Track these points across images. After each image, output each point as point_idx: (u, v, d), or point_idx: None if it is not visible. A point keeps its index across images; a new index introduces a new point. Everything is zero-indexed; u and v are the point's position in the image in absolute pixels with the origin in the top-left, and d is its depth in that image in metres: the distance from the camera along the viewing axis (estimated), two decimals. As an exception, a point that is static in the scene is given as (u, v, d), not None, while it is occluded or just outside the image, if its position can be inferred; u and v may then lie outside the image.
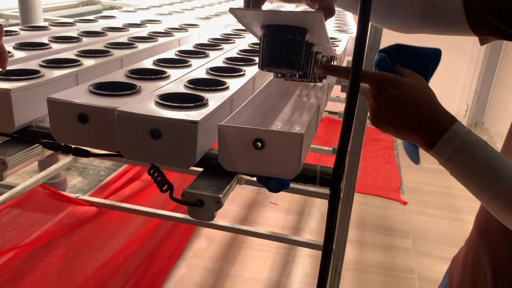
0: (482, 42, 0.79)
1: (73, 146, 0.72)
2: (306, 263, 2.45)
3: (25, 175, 3.04)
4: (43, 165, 2.26)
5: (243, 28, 1.52)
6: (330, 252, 0.66)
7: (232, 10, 0.60)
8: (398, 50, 0.73)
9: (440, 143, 0.63)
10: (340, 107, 2.30)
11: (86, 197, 1.81)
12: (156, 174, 0.67)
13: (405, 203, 3.15)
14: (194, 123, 0.60)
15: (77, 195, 1.81)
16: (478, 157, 0.61)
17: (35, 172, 2.99)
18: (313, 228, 2.78)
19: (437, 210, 3.06)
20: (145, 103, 0.66)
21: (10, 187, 1.63)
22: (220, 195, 0.61)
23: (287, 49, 0.61)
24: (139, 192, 2.21)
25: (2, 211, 1.43)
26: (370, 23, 0.61)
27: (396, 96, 0.64)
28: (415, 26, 0.80)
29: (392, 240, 2.71)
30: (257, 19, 0.62)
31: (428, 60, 0.73)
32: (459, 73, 4.40)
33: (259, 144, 0.59)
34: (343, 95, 1.96)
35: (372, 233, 2.77)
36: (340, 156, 0.60)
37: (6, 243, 1.47)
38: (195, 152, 0.62)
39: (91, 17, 1.54)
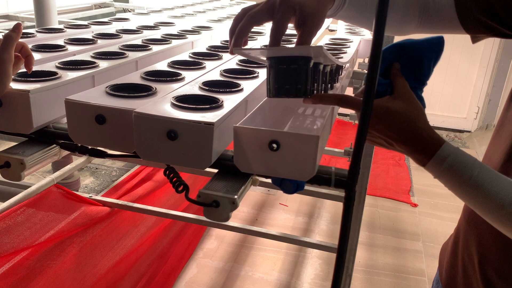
0: (473, 40, 0.81)
1: (89, 147, 0.73)
2: (316, 265, 2.45)
3: (39, 175, 3.07)
4: (57, 166, 2.28)
5: (255, 31, 1.52)
6: (344, 253, 0.66)
7: (236, 51, 0.63)
8: (395, 50, 0.72)
9: (428, 166, 0.66)
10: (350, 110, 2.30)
11: (99, 197, 1.82)
12: (172, 175, 0.68)
13: (415, 205, 3.13)
14: (210, 124, 0.61)
15: (90, 195, 1.82)
16: (465, 181, 0.63)
17: (48, 172, 3.03)
18: (323, 230, 2.78)
19: (447, 212, 3.04)
20: (161, 104, 0.67)
21: (25, 187, 1.65)
22: (235, 196, 0.62)
23: (293, 79, 0.62)
24: (150, 192, 2.22)
25: (17, 211, 1.45)
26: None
27: (381, 124, 0.66)
28: (411, 28, 0.82)
29: (402, 242, 2.70)
30: (260, 54, 0.64)
31: (429, 53, 0.71)
32: (470, 75, 4.37)
33: (275, 145, 0.60)
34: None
35: (382, 235, 2.76)
36: (355, 158, 0.60)
37: (21, 242, 1.49)
38: (211, 153, 0.62)
39: (105, 19, 1.56)
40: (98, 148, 0.74)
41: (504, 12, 0.71)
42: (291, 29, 1.48)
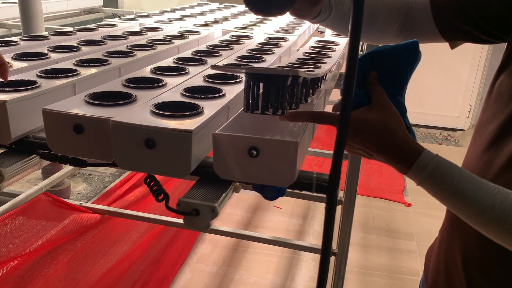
0: (452, 46, 0.84)
1: (70, 156, 0.73)
2: (310, 267, 2.44)
3: (29, 183, 3.05)
4: (46, 173, 2.27)
5: (242, 34, 1.52)
6: (328, 258, 0.66)
7: (214, 67, 0.63)
8: (370, 58, 0.71)
9: (409, 175, 0.66)
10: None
11: (89, 204, 1.81)
12: (152, 183, 0.67)
13: (409, 205, 3.14)
14: (188, 132, 0.60)
15: (80, 202, 1.81)
16: (446, 188, 0.63)
17: (39, 179, 3.01)
18: (317, 231, 2.78)
19: (441, 211, 3.01)
20: (140, 112, 0.67)
21: (13, 195, 1.63)
22: (216, 204, 0.61)
23: (268, 97, 0.61)
24: (142, 198, 2.21)
25: (5, 220, 1.44)
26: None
27: (358, 136, 0.66)
28: (391, 38, 0.84)
29: (396, 242, 2.70)
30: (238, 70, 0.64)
31: (404, 59, 0.70)
32: (461, 73, 4.38)
33: (254, 152, 0.59)
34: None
35: (376, 236, 2.76)
36: (335, 163, 0.60)
37: (10, 252, 1.48)
38: (190, 161, 0.62)
39: (91, 25, 1.55)
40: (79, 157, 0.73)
41: (477, 16, 0.73)
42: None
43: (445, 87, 4.39)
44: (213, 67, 0.63)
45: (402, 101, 0.72)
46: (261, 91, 0.62)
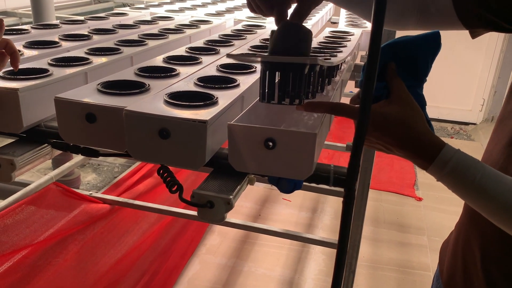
0: (473, 36, 0.79)
1: (82, 146, 0.71)
2: (319, 260, 2.43)
3: (39, 173, 3.07)
4: (56, 163, 2.27)
5: (254, 24, 1.50)
6: (344, 254, 0.64)
7: (230, 56, 0.61)
8: (388, 49, 0.69)
9: (429, 171, 0.64)
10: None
11: (99, 195, 1.81)
12: (166, 174, 0.66)
13: (420, 199, 3.11)
14: (203, 122, 0.59)
15: (90, 192, 1.81)
16: (468, 184, 0.61)
17: (49, 169, 3.02)
18: (326, 225, 2.76)
19: (452, 206, 3.00)
20: (154, 102, 0.65)
21: (24, 184, 1.64)
22: (231, 196, 0.60)
23: (286, 85, 0.59)
24: (152, 189, 2.21)
25: (16, 209, 1.44)
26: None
27: (377, 130, 0.64)
28: (409, 24, 0.80)
29: (407, 237, 2.68)
30: (255, 58, 0.62)
31: (425, 50, 0.68)
32: (475, 66, 4.32)
33: (271, 144, 0.57)
34: (358, 90, 1.93)
35: (387, 230, 2.73)
36: (354, 156, 0.58)
37: (20, 241, 1.48)
38: (205, 152, 0.60)
39: (102, 14, 1.53)
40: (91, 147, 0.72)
41: (496, 3, 0.70)
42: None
43: (458, 80, 4.32)
44: (229, 56, 0.61)
45: (422, 94, 0.69)
46: (277, 80, 0.60)
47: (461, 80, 4.34)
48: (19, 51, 0.94)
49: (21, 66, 0.80)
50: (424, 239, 2.66)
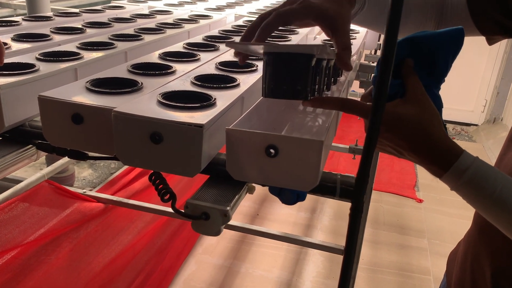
0: (490, 42, 0.76)
1: (69, 148, 0.66)
2: (318, 262, 2.39)
3: (34, 167, 3.01)
4: (50, 159, 2.22)
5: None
6: (350, 268, 0.59)
7: (230, 45, 0.55)
8: (406, 44, 0.63)
9: (444, 178, 0.59)
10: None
11: (93, 193, 1.76)
12: (158, 181, 0.61)
13: (420, 201, 3.06)
14: (199, 126, 0.54)
15: (84, 190, 1.76)
16: (487, 196, 0.56)
17: (44, 164, 2.97)
18: (325, 226, 2.71)
19: (454, 208, 2.96)
20: (146, 102, 0.60)
21: (15, 181, 1.58)
22: (228, 208, 0.55)
23: (291, 78, 0.54)
24: (148, 187, 2.16)
25: (5, 208, 1.39)
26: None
27: (390, 139, 0.59)
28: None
29: (407, 239, 2.64)
30: (258, 49, 0.56)
31: (447, 47, 0.62)
32: (478, 67, 4.26)
33: (273, 151, 0.52)
34: (361, 91, 1.88)
35: (387, 232, 2.69)
36: (364, 166, 0.53)
37: (10, 240, 1.43)
38: (200, 158, 0.55)
39: (98, 7, 1.48)
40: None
41: None
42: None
43: (460, 80, 4.27)
44: (229, 44, 0.55)
45: (439, 95, 0.64)
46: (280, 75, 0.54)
47: (463, 80, 4.29)
48: (6, 44, 0.89)
49: (6, 61, 0.75)
50: (424, 242, 2.61)
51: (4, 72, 0.68)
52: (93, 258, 1.80)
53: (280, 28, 0.60)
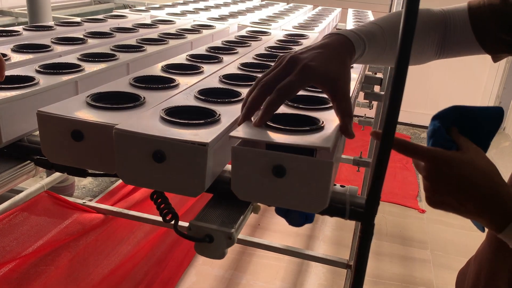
0: (495, 60, 0.76)
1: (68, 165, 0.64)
2: (320, 274, 2.35)
3: (35, 176, 2.98)
4: (50, 168, 2.19)
5: (259, 30, 1.43)
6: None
7: (233, 137, 0.53)
8: (454, 113, 0.63)
9: (508, 231, 0.54)
10: (359, 111, 2.20)
11: (93, 204, 1.74)
12: (160, 200, 0.58)
13: (423, 211, 3.03)
14: (203, 145, 0.51)
15: (83, 201, 1.74)
16: None
17: (44, 172, 2.94)
18: (327, 236, 2.68)
19: (457, 219, 2.93)
20: (149, 119, 0.58)
21: (15, 192, 1.56)
22: (233, 230, 0.53)
23: None
24: (148, 197, 2.14)
25: (4, 219, 1.37)
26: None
27: (451, 178, 0.55)
28: (430, 59, 0.77)
29: (409, 250, 2.60)
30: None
31: (488, 122, 0.63)
32: (480, 76, 4.25)
33: (280, 171, 0.50)
34: (365, 102, 1.86)
35: (389, 243, 2.66)
36: (375, 185, 0.51)
37: (9, 252, 1.41)
38: (204, 178, 0.53)
39: (100, 16, 1.46)
40: (78, 165, 0.65)
41: None
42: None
43: (463, 89, 4.26)
44: (232, 137, 0.53)
45: None
46: None
47: (465, 89, 4.27)
48: (5, 55, 0.87)
49: (5, 73, 0.73)
50: (427, 253, 2.58)
51: (2, 86, 0.67)
52: (93, 269, 1.77)
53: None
